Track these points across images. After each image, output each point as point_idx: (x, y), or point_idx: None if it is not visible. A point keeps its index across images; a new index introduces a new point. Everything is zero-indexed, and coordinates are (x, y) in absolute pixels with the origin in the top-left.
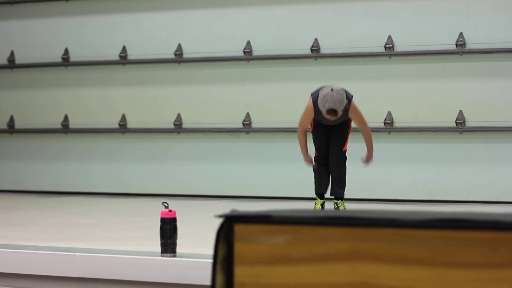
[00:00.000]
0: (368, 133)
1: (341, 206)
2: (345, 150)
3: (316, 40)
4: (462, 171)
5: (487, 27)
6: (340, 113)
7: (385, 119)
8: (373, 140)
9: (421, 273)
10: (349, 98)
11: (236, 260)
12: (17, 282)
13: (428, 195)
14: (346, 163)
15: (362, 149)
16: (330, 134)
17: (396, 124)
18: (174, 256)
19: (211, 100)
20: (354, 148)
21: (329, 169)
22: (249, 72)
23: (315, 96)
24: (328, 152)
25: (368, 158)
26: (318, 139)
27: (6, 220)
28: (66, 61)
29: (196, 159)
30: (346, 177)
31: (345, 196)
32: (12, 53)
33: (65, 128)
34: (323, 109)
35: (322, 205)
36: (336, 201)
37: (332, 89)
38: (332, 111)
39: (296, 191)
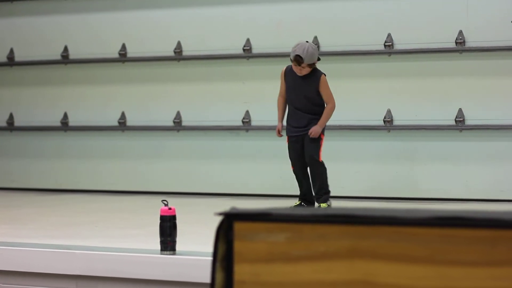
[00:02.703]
0: (330, 108)
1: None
2: (321, 161)
3: (315, 38)
4: (461, 169)
5: (486, 25)
6: (305, 66)
7: (384, 117)
8: (373, 138)
9: (420, 271)
10: (321, 72)
11: (235, 258)
12: (17, 280)
13: (427, 193)
14: (325, 170)
15: (364, 146)
16: (303, 143)
17: (396, 122)
18: (174, 254)
19: (210, 98)
20: (354, 145)
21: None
22: (248, 70)
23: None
24: (301, 164)
25: (313, 129)
26: (290, 149)
27: (6, 218)
28: (65, 59)
29: (196, 157)
30: (327, 182)
31: (346, 194)
32: (11, 51)
33: (65, 126)
34: (292, 55)
35: (300, 203)
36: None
37: (307, 41)
38: (298, 58)
39: (296, 189)
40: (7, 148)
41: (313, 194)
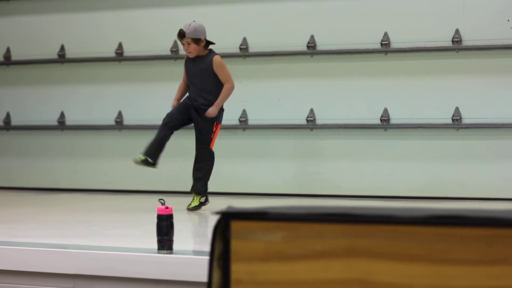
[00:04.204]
0: (227, 88)
1: (194, 202)
2: (212, 149)
3: (312, 36)
4: (458, 168)
5: (483, 23)
6: (190, 41)
7: (381, 116)
8: (370, 137)
9: (417, 269)
10: (215, 53)
11: (232, 256)
12: (13, 279)
13: (424, 192)
14: (213, 160)
15: (360, 145)
16: (192, 118)
17: (393, 121)
18: (171, 253)
19: None
20: (351, 144)
21: (194, 163)
22: (245, 69)
23: None
24: (173, 122)
25: (210, 109)
26: (176, 108)
27: (2, 217)
28: (62, 58)
29: (193, 156)
30: (210, 174)
31: (342, 193)
32: (8, 50)
33: (62, 125)
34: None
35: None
36: (194, 196)
37: (194, 21)
38: (180, 31)
39: (293, 188)
40: (5, 147)
41: (193, 178)
